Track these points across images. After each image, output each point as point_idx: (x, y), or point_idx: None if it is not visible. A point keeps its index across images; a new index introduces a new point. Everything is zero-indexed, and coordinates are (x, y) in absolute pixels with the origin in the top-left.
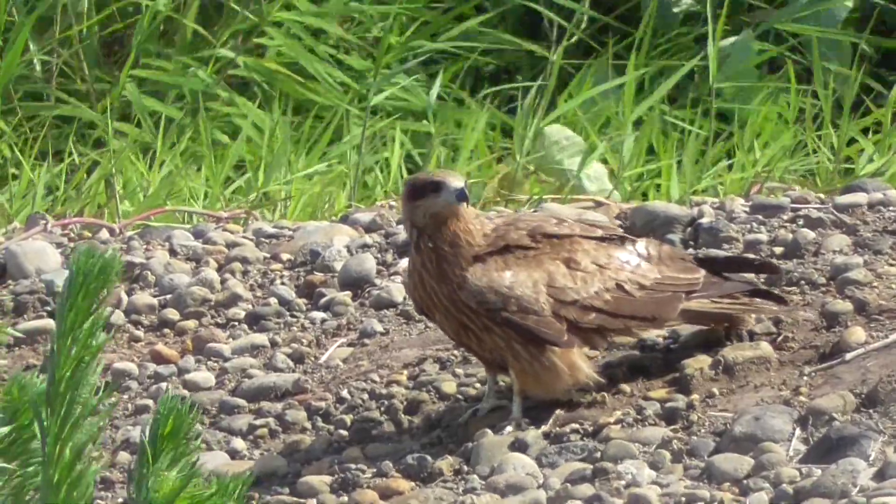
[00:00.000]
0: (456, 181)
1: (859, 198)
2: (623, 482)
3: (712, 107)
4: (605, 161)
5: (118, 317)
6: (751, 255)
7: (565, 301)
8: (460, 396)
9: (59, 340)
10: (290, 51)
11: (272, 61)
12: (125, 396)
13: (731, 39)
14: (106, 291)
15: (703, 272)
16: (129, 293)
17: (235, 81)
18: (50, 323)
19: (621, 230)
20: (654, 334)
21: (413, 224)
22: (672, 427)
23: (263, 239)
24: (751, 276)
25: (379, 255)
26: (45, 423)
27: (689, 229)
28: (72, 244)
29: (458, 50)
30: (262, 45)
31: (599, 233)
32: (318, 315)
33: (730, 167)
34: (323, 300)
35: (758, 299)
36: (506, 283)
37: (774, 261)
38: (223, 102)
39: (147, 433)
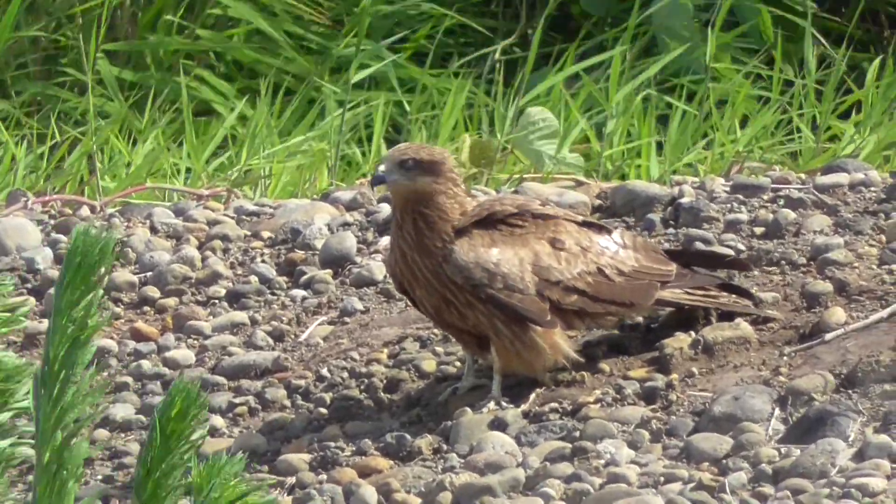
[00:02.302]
0: (382, 164)
1: (840, 178)
2: (602, 461)
3: (707, 84)
4: (586, 140)
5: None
6: (722, 251)
7: (549, 281)
8: (440, 375)
9: (54, 320)
10: (245, 15)
11: (232, 32)
12: (105, 374)
13: None
14: (103, 272)
15: (674, 265)
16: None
17: (199, 59)
18: (30, 300)
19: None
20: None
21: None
22: (651, 406)
23: (244, 217)
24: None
25: (360, 234)
26: (39, 403)
27: (669, 209)
28: (52, 221)
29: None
30: (217, 15)
31: (580, 218)
32: (299, 293)
33: (709, 145)
34: (303, 278)
35: (725, 293)
36: (492, 260)
37: (752, 250)
38: (193, 78)
39: (156, 416)
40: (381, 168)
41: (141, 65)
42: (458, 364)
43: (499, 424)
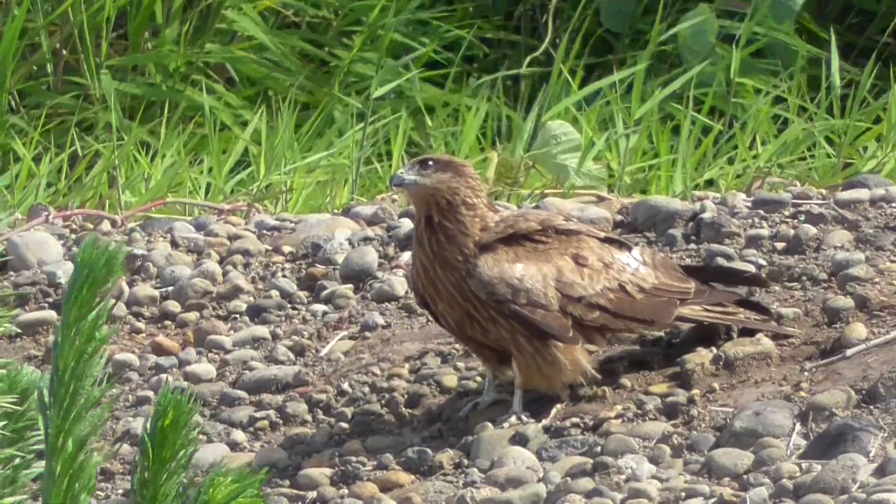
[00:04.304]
0: (403, 167)
1: (861, 193)
2: (623, 476)
3: (729, 102)
4: (604, 157)
5: (120, 308)
6: (741, 268)
7: (572, 297)
8: (461, 390)
9: (63, 332)
10: (253, 32)
11: (239, 47)
12: (126, 388)
13: (692, 21)
14: (110, 284)
15: (693, 283)
16: (131, 284)
17: (207, 72)
18: (51, 314)
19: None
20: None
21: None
22: (672, 422)
23: (265, 231)
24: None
25: (380, 249)
26: (48, 415)
27: (690, 224)
28: (73, 235)
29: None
30: (222, 29)
31: (602, 234)
32: (320, 308)
33: (731, 161)
34: (324, 293)
35: (743, 310)
36: (517, 276)
37: (773, 265)
38: (203, 92)
39: (147, 426)
40: (401, 170)
41: (143, 77)
42: (479, 379)
43: (520, 439)
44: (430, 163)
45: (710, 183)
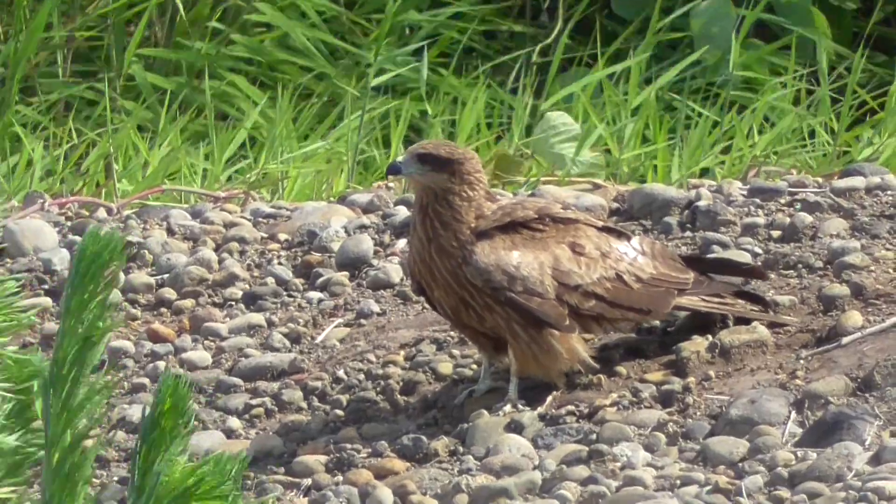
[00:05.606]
0: (402, 155)
1: (857, 182)
2: (618, 464)
3: (728, 92)
4: (603, 144)
5: (115, 295)
6: (739, 259)
7: (569, 285)
8: (456, 377)
9: (64, 321)
10: (277, 22)
11: (265, 37)
12: (121, 375)
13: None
14: (112, 273)
15: (692, 273)
16: (127, 272)
17: (229, 64)
18: (47, 301)
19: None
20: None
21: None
22: (668, 410)
23: (261, 219)
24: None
25: (376, 236)
26: (48, 404)
27: (686, 212)
28: (69, 223)
29: (450, 28)
30: (252, 21)
31: (600, 223)
32: (315, 295)
33: (727, 150)
34: (320, 280)
35: (741, 300)
36: (513, 263)
37: (769, 254)
38: (223, 82)
39: (147, 413)
40: (400, 159)
41: (172, 68)
42: (474, 367)
43: (515, 427)
44: (428, 158)
45: (705, 171)
